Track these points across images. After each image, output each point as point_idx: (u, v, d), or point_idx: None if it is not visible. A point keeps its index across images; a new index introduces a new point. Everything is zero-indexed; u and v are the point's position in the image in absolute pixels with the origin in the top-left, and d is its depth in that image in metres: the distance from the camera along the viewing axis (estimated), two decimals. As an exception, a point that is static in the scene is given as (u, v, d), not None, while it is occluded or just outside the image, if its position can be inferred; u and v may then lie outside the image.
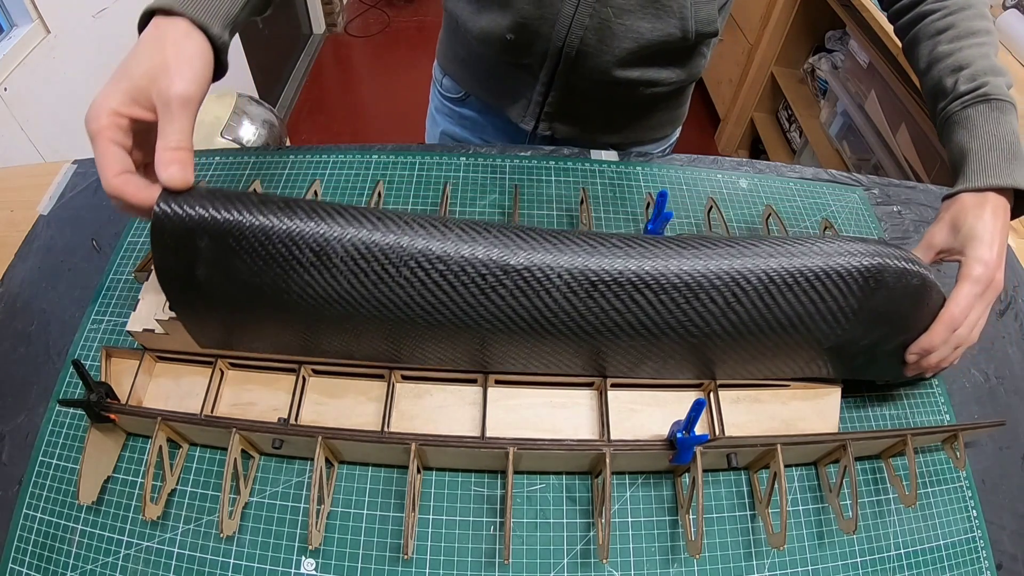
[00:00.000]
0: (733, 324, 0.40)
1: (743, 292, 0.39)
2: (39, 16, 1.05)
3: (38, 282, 0.54)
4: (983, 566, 0.44)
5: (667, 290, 0.38)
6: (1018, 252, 0.64)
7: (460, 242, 0.36)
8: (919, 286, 0.41)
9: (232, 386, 0.46)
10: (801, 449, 0.44)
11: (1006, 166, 0.45)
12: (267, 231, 0.34)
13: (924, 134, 1.14)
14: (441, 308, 0.37)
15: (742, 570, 0.42)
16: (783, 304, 0.39)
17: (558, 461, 0.44)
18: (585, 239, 0.38)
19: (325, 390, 0.46)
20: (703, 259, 0.38)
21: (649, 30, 0.54)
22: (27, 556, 0.41)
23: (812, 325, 0.41)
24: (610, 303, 0.38)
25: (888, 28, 1.15)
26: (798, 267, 0.39)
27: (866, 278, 0.39)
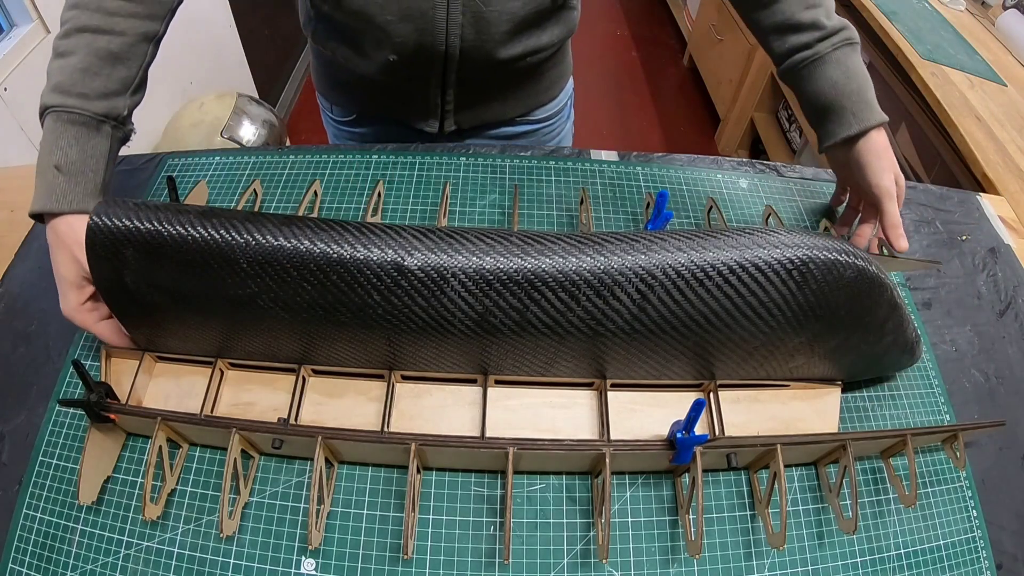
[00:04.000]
0: (644, 324, 0.39)
1: (650, 289, 0.37)
2: (39, 16, 1.05)
3: (38, 282, 0.54)
4: (983, 566, 0.44)
5: (567, 288, 0.37)
6: (1018, 252, 0.64)
7: (357, 245, 0.37)
8: (854, 279, 0.39)
9: (232, 386, 0.46)
10: (801, 449, 0.44)
11: (875, 100, 0.52)
12: (184, 240, 0.37)
13: (924, 134, 1.14)
14: (342, 309, 0.38)
15: (742, 570, 0.42)
16: (695, 301, 0.38)
17: (558, 461, 0.44)
18: (483, 237, 0.38)
19: (325, 390, 0.46)
20: (606, 256, 0.38)
21: (521, 7, 0.55)
22: (27, 556, 0.41)
23: (732, 322, 0.40)
24: (507, 302, 0.38)
25: (888, 28, 1.15)
26: (710, 261, 0.37)
27: (789, 271, 0.38)
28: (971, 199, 0.70)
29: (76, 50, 0.44)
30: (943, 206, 0.68)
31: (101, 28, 0.45)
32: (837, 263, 0.38)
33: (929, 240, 0.64)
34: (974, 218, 0.67)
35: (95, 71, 0.45)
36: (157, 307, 0.41)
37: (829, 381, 0.50)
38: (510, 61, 0.60)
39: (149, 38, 0.48)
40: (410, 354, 0.43)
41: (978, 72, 1.06)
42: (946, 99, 0.97)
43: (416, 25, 0.54)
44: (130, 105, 0.48)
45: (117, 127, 0.47)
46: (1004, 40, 1.18)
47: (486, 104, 0.67)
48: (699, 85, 2.26)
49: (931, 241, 0.64)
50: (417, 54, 0.57)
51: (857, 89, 0.52)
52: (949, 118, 0.94)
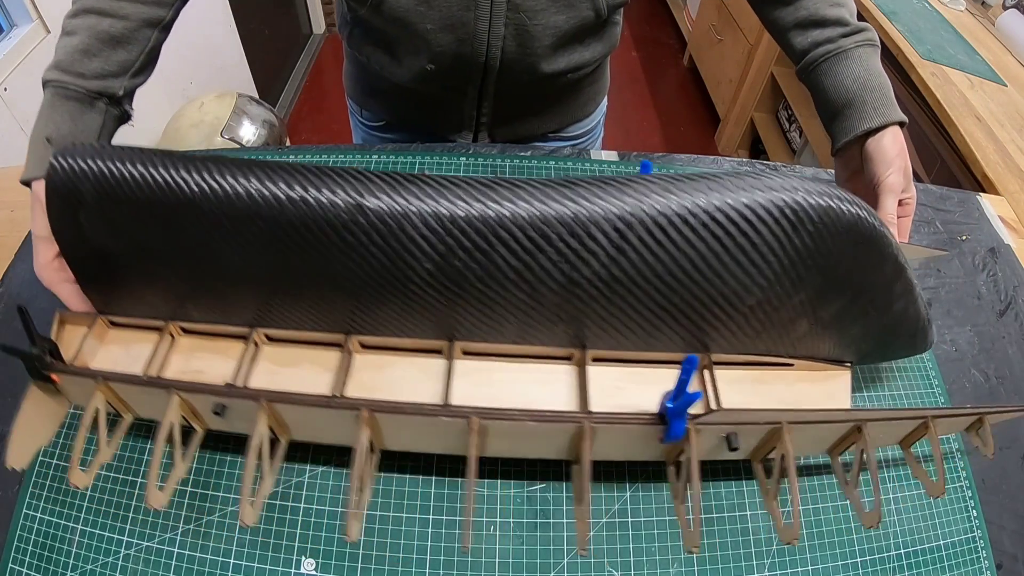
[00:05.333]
0: (624, 269, 0.36)
1: (629, 228, 0.35)
2: (39, 16, 1.05)
3: (38, 282, 0.54)
4: (983, 566, 0.44)
5: (536, 227, 0.34)
6: (1018, 252, 0.64)
7: (315, 181, 0.35)
8: (851, 225, 0.36)
9: (182, 353, 0.43)
10: (811, 432, 0.40)
11: (895, 101, 0.51)
12: (138, 179, 0.35)
13: (924, 134, 1.14)
14: (296, 250, 0.36)
15: (742, 570, 0.42)
16: (680, 243, 0.35)
17: (531, 440, 0.39)
18: (448, 178, 0.35)
19: (279, 359, 0.43)
20: (579, 196, 0.35)
21: (565, 21, 0.55)
22: (27, 556, 0.41)
23: (721, 270, 0.36)
24: (472, 241, 0.34)
25: (888, 28, 1.15)
26: (692, 203, 0.34)
27: (781, 213, 0.35)
28: (971, 199, 0.70)
29: (79, 30, 0.45)
30: (943, 206, 0.68)
31: (105, 11, 0.46)
32: (831, 208, 0.35)
33: (929, 240, 0.64)
34: (974, 218, 0.67)
35: (94, 52, 0.45)
36: (109, 255, 0.39)
37: (838, 363, 0.46)
38: (551, 76, 0.59)
39: (153, 24, 0.48)
40: (370, 312, 0.39)
41: (978, 72, 1.06)
42: (946, 99, 0.97)
43: (457, 35, 0.54)
44: (128, 86, 0.48)
45: (112, 105, 0.47)
46: (1004, 40, 1.18)
47: (522, 118, 0.67)
48: (699, 85, 2.27)
49: (931, 241, 0.64)
50: (455, 64, 0.56)
51: (878, 86, 0.51)
52: (949, 118, 0.94)
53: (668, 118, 2.19)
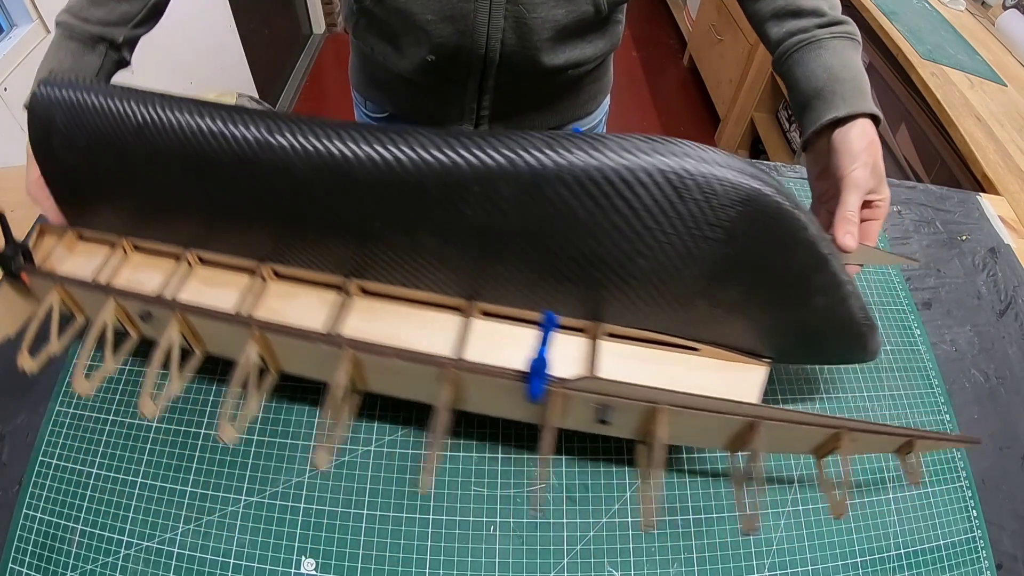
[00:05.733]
0: (489, 231, 0.35)
1: (494, 194, 0.34)
2: (39, 16, 1.05)
3: (38, 282, 0.54)
4: (983, 566, 0.44)
5: (409, 182, 0.35)
6: (1018, 252, 0.64)
7: (234, 120, 0.37)
8: (747, 198, 0.33)
9: (131, 267, 0.46)
10: (696, 421, 0.37)
11: (870, 96, 0.48)
12: (100, 108, 0.39)
13: (924, 134, 1.14)
14: (223, 194, 0.39)
15: (742, 570, 0.42)
16: (555, 200, 0.34)
17: (403, 378, 0.40)
18: (341, 127, 0.36)
19: (207, 279, 0.44)
20: (451, 152, 0.34)
21: (564, 15, 0.55)
22: (27, 556, 0.41)
23: (600, 235, 0.35)
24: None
25: (888, 28, 1.15)
26: (565, 165, 0.33)
27: (664, 177, 0.33)
28: (971, 199, 0.70)
29: None
30: (943, 206, 0.68)
31: None
32: (723, 179, 0.33)
33: (929, 240, 0.64)
34: (974, 218, 0.67)
35: (100, 3, 0.49)
36: (77, 175, 0.43)
37: (755, 356, 0.43)
38: (552, 71, 0.59)
39: None
40: (280, 244, 0.41)
41: (978, 72, 1.06)
42: (946, 99, 0.97)
43: (457, 27, 0.54)
44: (128, 35, 0.52)
45: (112, 50, 0.51)
46: (1004, 40, 1.18)
47: (523, 114, 0.67)
48: (699, 85, 2.27)
49: (931, 241, 0.64)
50: (456, 56, 0.57)
51: (852, 78, 0.48)
52: (949, 118, 0.94)
53: (668, 118, 2.19)
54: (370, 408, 0.46)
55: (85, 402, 0.46)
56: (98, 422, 0.46)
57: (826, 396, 0.50)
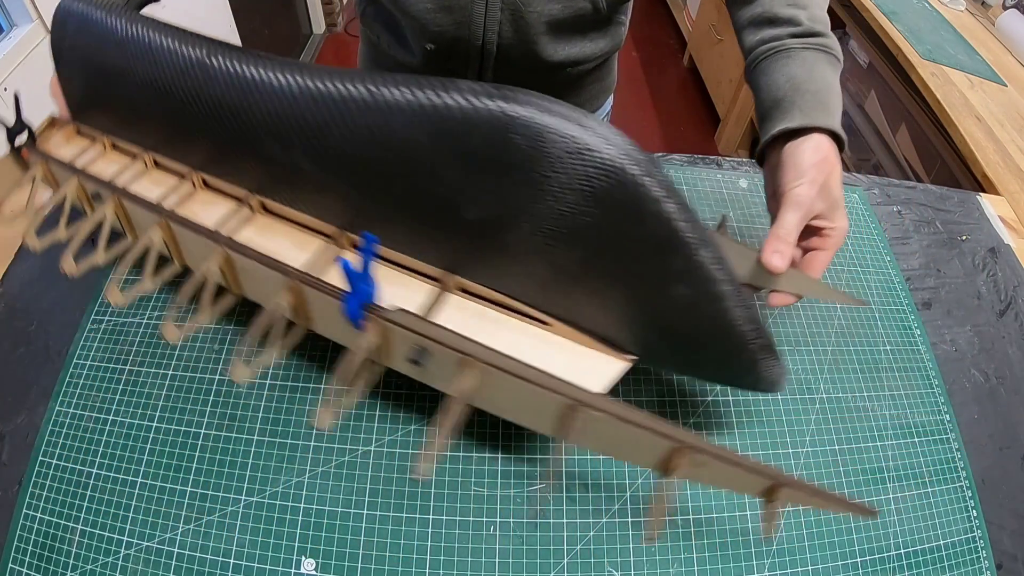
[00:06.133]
0: (325, 157, 0.37)
1: (323, 131, 0.35)
2: (39, 16, 1.05)
3: (38, 282, 0.54)
4: (983, 566, 0.44)
5: (270, 106, 0.37)
6: (1018, 252, 0.64)
7: (186, 40, 0.40)
8: (577, 152, 0.31)
9: (108, 161, 0.49)
10: (514, 388, 0.35)
11: (839, 116, 0.45)
12: (104, 26, 0.43)
13: (924, 134, 1.14)
14: (180, 107, 0.42)
15: (742, 570, 0.42)
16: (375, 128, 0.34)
17: (257, 284, 0.43)
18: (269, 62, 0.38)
19: (201, 198, 0.46)
20: (278, 78, 0.36)
21: (560, 10, 0.55)
22: (27, 556, 0.41)
23: (423, 171, 0.34)
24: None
25: (888, 28, 1.15)
26: (386, 96, 0.33)
27: (500, 124, 0.31)
28: (971, 199, 0.70)
29: None
30: (943, 206, 0.68)
31: None
32: (552, 128, 0.31)
33: (929, 240, 0.64)
34: (974, 218, 0.67)
35: None
36: (81, 78, 0.48)
37: (619, 349, 0.39)
38: (551, 68, 0.59)
39: None
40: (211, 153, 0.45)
41: (978, 72, 1.06)
42: (946, 99, 0.97)
43: (454, 17, 0.55)
44: None
45: None
46: (1004, 40, 1.18)
47: None
48: (699, 85, 2.27)
49: (931, 241, 0.64)
50: (454, 47, 0.57)
51: (816, 91, 0.44)
52: (949, 118, 0.94)
53: (668, 118, 2.19)
54: (370, 408, 0.46)
55: (85, 402, 0.47)
56: (98, 422, 0.46)
57: (825, 396, 0.50)
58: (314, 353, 0.49)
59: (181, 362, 0.48)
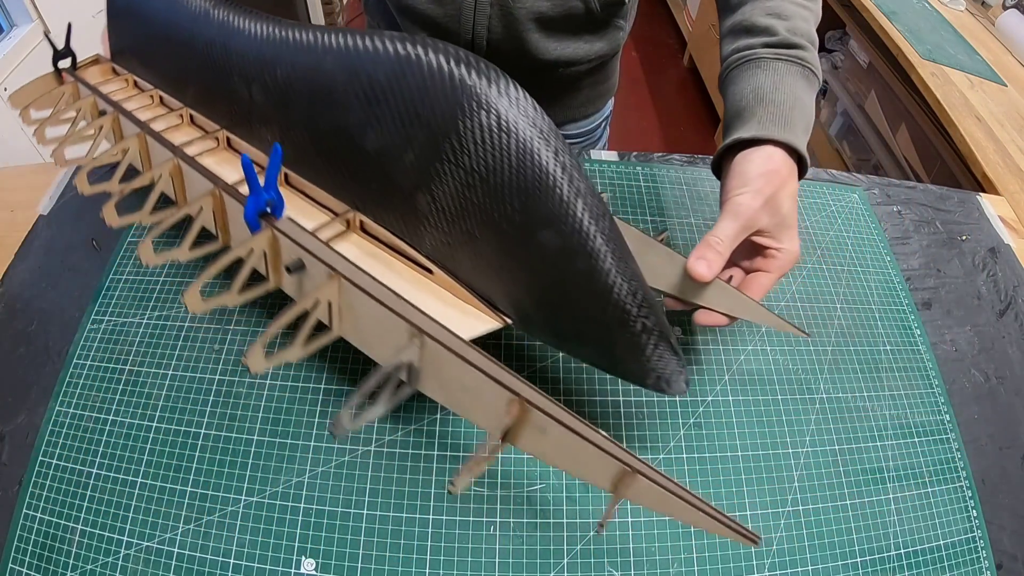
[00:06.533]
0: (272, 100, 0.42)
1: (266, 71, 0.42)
2: (39, 16, 1.05)
3: (38, 282, 0.54)
4: (983, 566, 0.44)
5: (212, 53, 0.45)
6: (1018, 252, 0.64)
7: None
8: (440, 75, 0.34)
9: (136, 102, 0.55)
10: (371, 313, 0.35)
11: (803, 132, 0.42)
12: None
13: (924, 134, 1.14)
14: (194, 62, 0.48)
15: (742, 570, 0.42)
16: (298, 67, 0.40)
17: (191, 186, 0.46)
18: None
19: (198, 143, 0.50)
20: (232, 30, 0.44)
21: (549, 8, 0.55)
22: (27, 556, 0.41)
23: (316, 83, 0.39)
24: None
25: (888, 28, 1.15)
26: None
27: (394, 59, 0.35)
28: (971, 199, 0.70)
29: None
30: (943, 206, 0.68)
31: None
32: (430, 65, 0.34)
33: (929, 240, 0.64)
34: (974, 218, 0.67)
35: None
36: (126, 28, 0.56)
37: (496, 310, 0.39)
38: (543, 67, 0.59)
39: None
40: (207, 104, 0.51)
41: (978, 72, 1.06)
42: (946, 99, 0.97)
43: (445, 10, 0.55)
44: None
45: None
46: (1004, 40, 1.18)
47: None
48: (699, 85, 2.27)
49: (931, 241, 0.64)
50: (445, 39, 0.58)
51: (780, 102, 0.42)
52: (949, 118, 0.94)
53: (668, 118, 2.19)
54: (370, 408, 0.46)
55: (85, 402, 0.47)
56: (98, 422, 0.46)
57: (825, 396, 0.50)
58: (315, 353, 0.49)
59: (181, 362, 0.48)
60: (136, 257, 0.55)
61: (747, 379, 0.50)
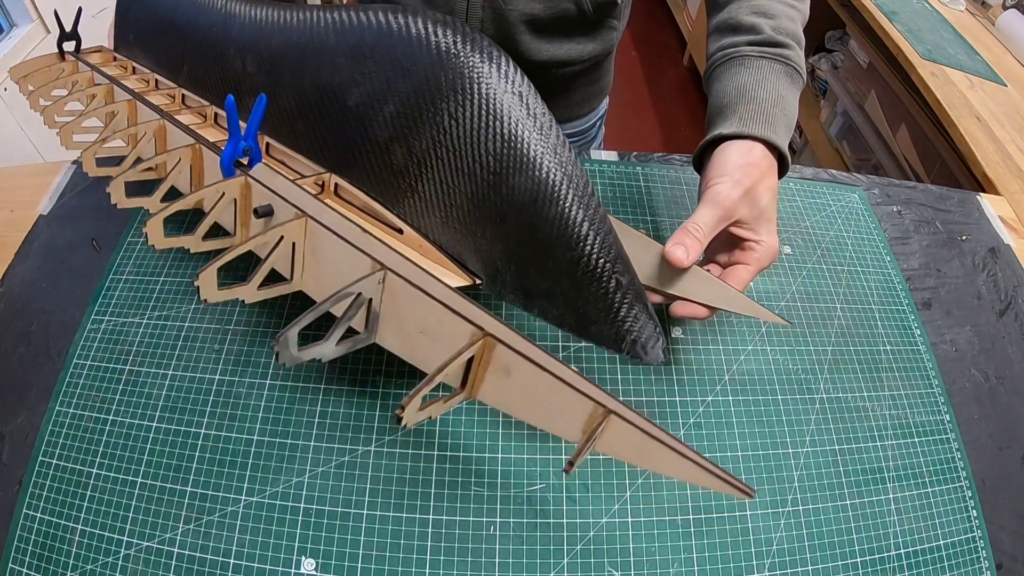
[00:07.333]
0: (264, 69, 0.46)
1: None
2: (39, 16, 1.05)
3: (38, 282, 0.54)
4: (983, 566, 0.44)
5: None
6: (1018, 252, 0.64)
7: None
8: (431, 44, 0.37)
9: (133, 81, 0.58)
10: (335, 250, 0.35)
11: (784, 129, 0.43)
12: None
13: (924, 134, 1.14)
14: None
15: (742, 570, 0.42)
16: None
17: (161, 145, 0.49)
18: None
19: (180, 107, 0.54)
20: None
21: (541, 10, 0.55)
22: (27, 556, 0.41)
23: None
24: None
25: (888, 28, 1.15)
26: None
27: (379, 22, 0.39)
28: (971, 199, 0.70)
29: None
30: (943, 206, 0.68)
31: None
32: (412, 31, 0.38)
33: (929, 240, 0.64)
34: (974, 218, 0.67)
35: None
36: (130, 24, 0.60)
37: (465, 270, 0.39)
38: (537, 68, 0.59)
39: None
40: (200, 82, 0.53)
41: (978, 72, 1.06)
42: (946, 99, 0.97)
43: (439, 12, 0.55)
44: None
45: None
46: (1004, 40, 1.18)
47: None
48: (699, 85, 2.26)
49: (931, 241, 0.64)
50: None
51: (761, 100, 0.42)
52: (949, 118, 0.94)
53: (668, 118, 2.19)
54: (370, 408, 0.46)
55: (85, 402, 0.47)
56: (98, 422, 0.46)
57: (825, 396, 0.50)
58: (314, 353, 0.49)
59: (181, 362, 0.48)
60: (140, 247, 0.55)
61: (747, 379, 0.50)
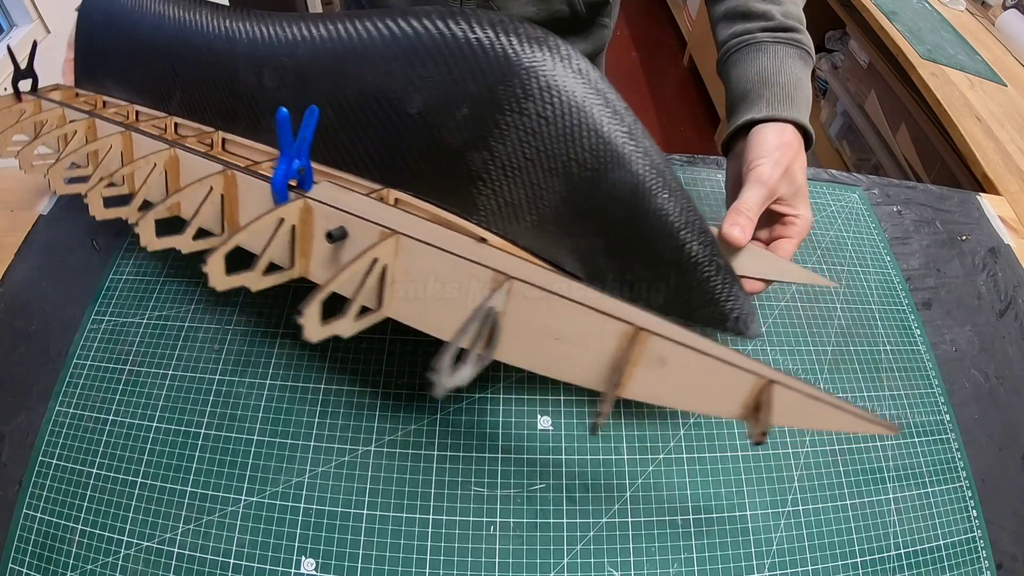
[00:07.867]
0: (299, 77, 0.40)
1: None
2: (39, 16, 1.05)
3: (38, 282, 0.54)
4: (983, 566, 0.44)
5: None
6: (1018, 252, 0.64)
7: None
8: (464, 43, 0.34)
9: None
10: (427, 259, 0.32)
11: (806, 109, 0.45)
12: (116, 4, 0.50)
13: (924, 134, 1.14)
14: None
15: (742, 570, 0.42)
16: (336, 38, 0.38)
17: (186, 176, 0.45)
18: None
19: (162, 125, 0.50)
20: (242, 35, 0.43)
21: (535, 14, 0.55)
22: (27, 556, 0.41)
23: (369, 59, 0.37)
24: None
25: (888, 28, 1.15)
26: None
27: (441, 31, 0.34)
28: (971, 199, 0.70)
29: None
30: (943, 206, 0.68)
31: None
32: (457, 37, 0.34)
33: (929, 240, 0.64)
34: (974, 218, 0.67)
35: None
36: (95, 56, 0.54)
37: (560, 269, 0.37)
38: None
39: None
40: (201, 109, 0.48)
41: (978, 72, 1.06)
42: (946, 99, 0.97)
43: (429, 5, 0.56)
44: None
45: None
46: (1004, 40, 1.18)
47: None
48: (699, 85, 2.27)
49: (931, 241, 0.64)
50: None
51: (784, 83, 0.45)
52: (949, 118, 0.94)
53: (668, 118, 2.19)
54: (370, 408, 0.46)
55: (85, 402, 0.47)
56: (98, 422, 0.46)
57: (826, 396, 0.50)
58: (314, 353, 0.49)
59: (181, 362, 0.48)
60: (138, 247, 0.55)
61: (747, 379, 0.50)
